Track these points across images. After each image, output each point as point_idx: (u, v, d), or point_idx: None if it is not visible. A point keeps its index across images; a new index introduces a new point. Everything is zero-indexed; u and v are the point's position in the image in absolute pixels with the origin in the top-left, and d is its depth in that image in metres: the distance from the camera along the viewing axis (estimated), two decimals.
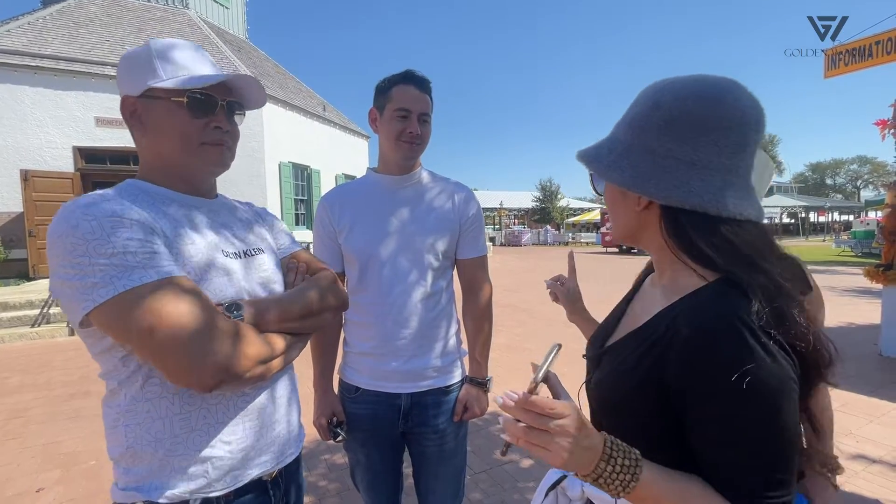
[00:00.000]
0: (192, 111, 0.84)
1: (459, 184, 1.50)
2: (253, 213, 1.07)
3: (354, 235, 1.38)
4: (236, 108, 0.93)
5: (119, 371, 0.77)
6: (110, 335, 0.73)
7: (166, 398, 0.78)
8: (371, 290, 1.37)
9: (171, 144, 0.85)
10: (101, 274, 0.68)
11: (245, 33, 15.51)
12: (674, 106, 0.61)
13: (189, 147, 0.86)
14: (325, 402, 1.43)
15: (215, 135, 0.87)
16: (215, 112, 0.87)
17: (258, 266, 0.93)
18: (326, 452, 2.95)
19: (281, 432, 0.94)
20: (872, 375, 4.27)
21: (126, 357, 0.76)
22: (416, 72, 1.37)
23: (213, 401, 0.81)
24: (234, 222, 0.97)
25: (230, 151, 0.92)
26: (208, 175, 0.93)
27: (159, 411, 0.78)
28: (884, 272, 4.85)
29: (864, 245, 17.26)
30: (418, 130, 1.35)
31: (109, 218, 0.71)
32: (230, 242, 0.91)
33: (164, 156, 0.87)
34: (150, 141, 0.87)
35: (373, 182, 1.44)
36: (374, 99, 1.41)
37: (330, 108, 14.65)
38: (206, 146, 0.87)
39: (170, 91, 0.83)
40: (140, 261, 0.71)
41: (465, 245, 1.45)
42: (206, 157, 0.88)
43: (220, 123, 0.88)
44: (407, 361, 1.36)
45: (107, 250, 0.69)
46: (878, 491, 2.46)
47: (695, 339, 0.55)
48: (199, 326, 0.71)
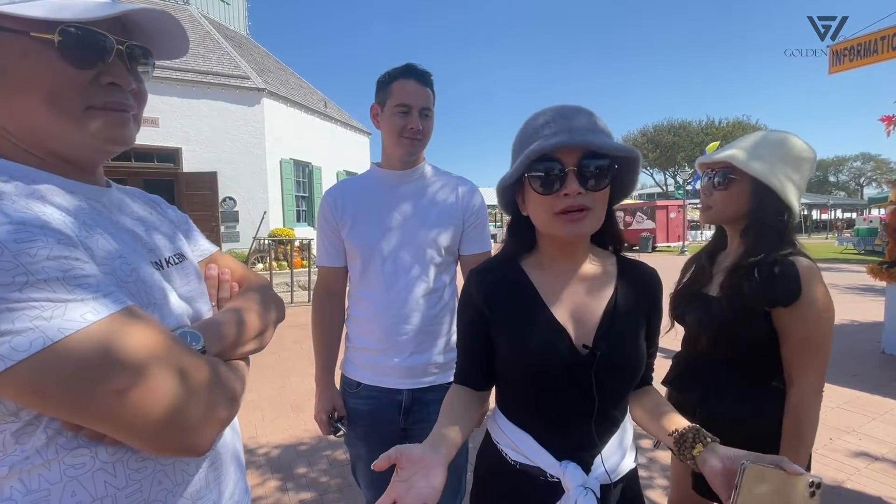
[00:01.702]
0: (68, 56, 0.55)
1: (463, 178, 1.49)
2: (154, 206, 0.77)
3: (357, 230, 1.38)
4: (142, 57, 0.64)
5: (9, 452, 0.49)
6: (30, 406, 0.48)
7: (104, 471, 0.53)
8: (373, 286, 1.37)
9: (32, 105, 0.55)
10: (15, 317, 0.44)
11: (246, 29, 15.47)
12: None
13: (65, 111, 0.56)
14: (327, 397, 1.42)
15: (111, 95, 0.59)
16: (107, 60, 0.58)
17: (184, 277, 0.70)
18: (328, 448, 2.96)
19: (233, 477, 0.73)
20: (875, 373, 4.26)
21: (25, 428, 0.49)
22: (416, 65, 1.36)
23: (167, 460, 0.59)
24: (143, 221, 0.70)
25: (136, 122, 0.64)
26: (99, 155, 0.63)
27: (94, 491, 0.52)
28: (887, 269, 4.83)
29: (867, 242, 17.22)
30: (420, 126, 1.34)
31: (7, 227, 0.45)
32: (148, 249, 0.66)
33: (21, 119, 0.56)
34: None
35: (376, 177, 1.44)
36: (376, 94, 1.40)
37: (331, 105, 14.62)
38: (95, 111, 0.58)
39: (29, 22, 0.52)
40: (72, 290, 0.47)
41: (468, 240, 1.44)
42: (97, 130, 0.58)
43: (117, 78, 0.59)
44: (408, 357, 1.36)
45: (18, 280, 0.44)
46: (880, 488, 2.46)
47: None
48: (189, 374, 0.53)
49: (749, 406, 1.16)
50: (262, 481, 2.62)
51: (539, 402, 0.87)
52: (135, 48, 0.62)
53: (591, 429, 0.83)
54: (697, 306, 1.23)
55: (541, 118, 0.83)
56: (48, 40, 0.53)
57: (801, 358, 1.10)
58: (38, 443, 0.50)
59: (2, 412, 0.49)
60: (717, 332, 1.15)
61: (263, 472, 2.72)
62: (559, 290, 0.88)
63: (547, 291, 0.89)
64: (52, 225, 0.49)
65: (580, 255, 0.90)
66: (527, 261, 0.93)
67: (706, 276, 1.28)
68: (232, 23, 14.68)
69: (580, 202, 0.78)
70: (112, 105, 0.59)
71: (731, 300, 1.13)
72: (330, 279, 1.47)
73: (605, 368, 0.82)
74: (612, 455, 0.84)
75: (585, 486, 0.79)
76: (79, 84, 0.56)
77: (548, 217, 0.82)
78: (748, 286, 1.11)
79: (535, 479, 0.84)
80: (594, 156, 0.78)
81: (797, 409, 1.10)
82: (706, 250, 1.36)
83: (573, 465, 0.81)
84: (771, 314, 1.12)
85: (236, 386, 0.61)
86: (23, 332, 0.44)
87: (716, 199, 1.23)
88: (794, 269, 1.09)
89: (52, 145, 0.58)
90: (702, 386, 1.24)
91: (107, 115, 0.59)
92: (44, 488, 0.50)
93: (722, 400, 1.19)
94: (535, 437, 0.85)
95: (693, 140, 35.66)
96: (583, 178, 0.78)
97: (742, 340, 1.13)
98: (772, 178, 1.12)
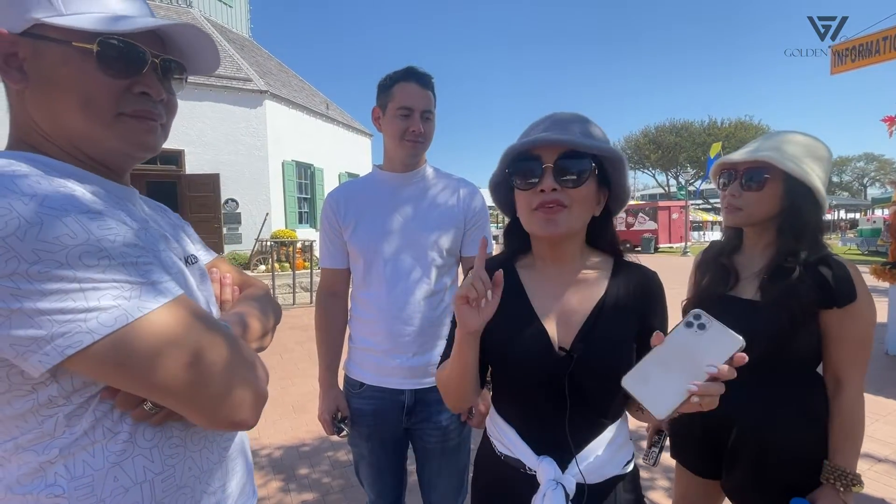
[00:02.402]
0: (105, 66, 0.59)
1: (464, 180, 1.49)
2: (161, 212, 0.82)
3: (359, 232, 1.39)
4: (176, 70, 0.69)
5: (58, 435, 0.53)
6: (103, 379, 0.53)
7: (143, 456, 0.57)
8: (375, 287, 1.38)
9: (69, 109, 0.59)
10: (100, 295, 0.49)
11: (248, 31, 15.53)
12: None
13: (98, 116, 0.60)
14: (330, 398, 1.43)
15: (141, 103, 0.63)
16: (142, 71, 0.62)
17: (199, 278, 0.74)
18: (330, 449, 2.97)
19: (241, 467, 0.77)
20: (879, 374, 4.24)
21: (77, 411, 0.53)
22: (417, 68, 1.36)
23: (195, 446, 0.64)
24: (162, 221, 0.76)
25: (163, 130, 0.68)
26: (127, 159, 0.67)
27: (134, 476, 0.56)
28: (890, 270, 4.81)
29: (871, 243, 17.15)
30: (421, 128, 1.34)
31: (88, 216, 0.51)
32: (174, 246, 0.71)
33: (59, 122, 0.60)
34: (38, 99, 0.60)
35: (378, 179, 1.45)
36: (377, 97, 1.41)
37: (333, 107, 14.65)
38: (126, 118, 0.62)
39: (72, 32, 0.57)
40: (144, 275, 0.53)
41: (470, 242, 1.45)
42: (126, 135, 0.63)
43: (148, 88, 0.63)
44: (411, 358, 1.37)
45: (102, 263, 0.50)
46: (883, 490, 2.45)
47: None
48: (241, 354, 0.61)
49: (792, 409, 1.12)
50: (264, 482, 2.63)
51: (518, 399, 0.90)
52: (169, 61, 0.67)
53: (565, 429, 0.83)
54: (736, 311, 1.14)
55: (535, 122, 0.88)
56: (88, 50, 0.58)
57: (853, 359, 1.09)
58: (86, 425, 0.54)
59: (59, 394, 0.53)
60: (772, 338, 1.09)
61: (266, 473, 2.73)
62: (547, 291, 0.90)
63: (534, 292, 0.91)
64: (122, 217, 0.56)
65: (571, 256, 0.91)
66: (521, 262, 0.96)
67: (732, 278, 1.22)
68: (234, 25, 14.74)
69: (555, 198, 0.81)
70: (141, 113, 0.63)
71: (784, 304, 1.08)
72: (333, 281, 1.48)
73: (582, 371, 0.82)
74: (592, 456, 0.84)
75: (557, 481, 0.81)
76: (112, 91, 0.61)
77: (527, 213, 0.86)
78: (803, 288, 1.07)
79: (517, 472, 0.88)
80: (574, 155, 0.81)
81: (850, 409, 1.08)
82: (720, 251, 1.29)
83: (549, 459, 0.84)
84: (819, 316, 1.10)
85: (263, 369, 0.67)
86: (108, 309, 0.49)
87: (748, 200, 1.17)
88: (846, 270, 1.08)
89: (87, 148, 0.63)
90: (734, 394, 1.16)
91: (135, 122, 0.63)
92: (88, 474, 0.54)
93: (765, 408, 1.13)
94: (518, 431, 0.89)
95: (695, 140, 35.56)
96: (560, 175, 0.81)
97: (795, 344, 1.10)
98: (809, 177, 1.11)
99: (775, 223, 1.17)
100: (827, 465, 1.08)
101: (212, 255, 0.88)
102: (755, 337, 1.09)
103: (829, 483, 1.06)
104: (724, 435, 1.17)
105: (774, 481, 1.12)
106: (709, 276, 1.27)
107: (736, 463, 1.16)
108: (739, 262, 1.24)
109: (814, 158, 1.15)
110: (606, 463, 0.85)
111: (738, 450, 1.15)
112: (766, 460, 1.12)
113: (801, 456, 1.11)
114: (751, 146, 1.21)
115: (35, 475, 0.53)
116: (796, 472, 1.11)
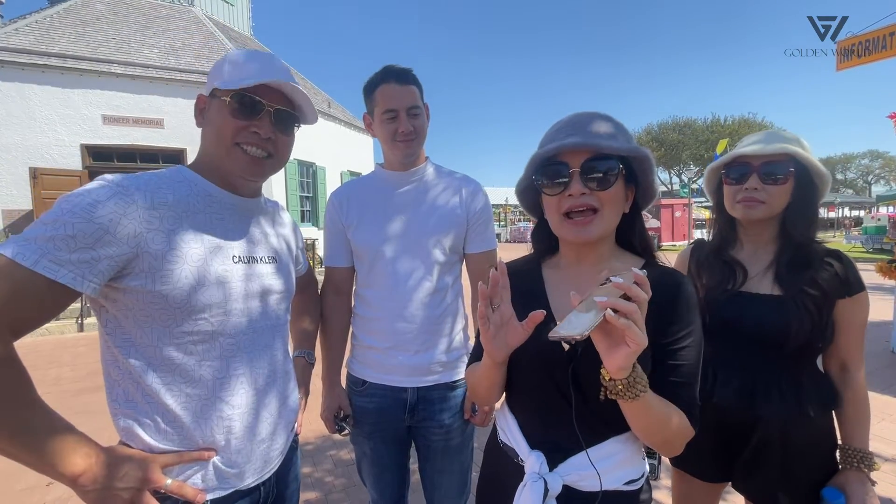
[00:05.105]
0: (234, 111, 0.88)
1: (467, 177, 1.48)
2: (285, 222, 1.13)
3: (362, 230, 1.38)
4: (291, 119, 0.95)
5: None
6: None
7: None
8: (378, 285, 1.37)
9: (209, 140, 0.91)
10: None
11: (250, 30, 15.53)
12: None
13: (222, 144, 0.89)
14: (333, 396, 1.43)
15: (250, 138, 0.89)
16: (258, 116, 0.89)
17: (259, 273, 0.95)
18: (332, 448, 2.96)
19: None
20: (884, 373, 4.22)
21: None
22: (394, 66, 1.35)
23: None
24: (258, 226, 1.00)
25: (271, 161, 0.94)
26: (240, 179, 0.93)
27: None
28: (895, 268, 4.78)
29: (875, 241, 17.06)
30: (409, 127, 1.33)
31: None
32: (242, 246, 0.93)
33: (206, 150, 0.93)
34: (204, 133, 0.93)
35: (380, 178, 1.44)
36: (365, 104, 1.40)
37: (335, 105, 14.65)
38: (238, 148, 0.89)
39: (223, 91, 0.88)
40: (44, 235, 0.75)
41: (473, 239, 1.44)
42: (236, 160, 0.90)
43: (259, 129, 0.89)
44: (413, 356, 1.36)
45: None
46: (890, 489, 2.43)
47: None
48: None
49: (815, 401, 1.11)
50: None
51: (523, 392, 0.90)
52: (284, 112, 0.93)
53: (573, 427, 0.80)
54: (759, 308, 1.12)
55: (558, 125, 0.87)
56: (224, 101, 0.89)
57: (858, 344, 1.13)
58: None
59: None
60: (805, 331, 1.07)
61: None
62: (567, 289, 0.87)
63: (554, 289, 0.91)
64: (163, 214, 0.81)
65: (599, 257, 0.89)
66: (547, 262, 0.97)
67: (740, 274, 1.18)
68: (236, 24, 14.73)
69: (585, 202, 0.81)
70: (249, 143, 0.90)
71: (811, 296, 1.08)
72: (337, 279, 1.47)
73: (589, 369, 0.78)
74: (587, 462, 0.80)
75: (540, 475, 0.80)
76: (234, 128, 0.89)
77: (557, 218, 0.86)
78: (824, 278, 1.09)
79: (511, 460, 0.90)
80: (600, 157, 0.80)
81: (862, 392, 1.12)
82: (717, 248, 1.26)
83: (538, 454, 0.84)
84: (835, 305, 1.11)
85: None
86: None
87: (771, 193, 1.15)
88: (851, 261, 1.12)
89: (216, 167, 0.92)
90: (751, 387, 1.13)
91: (242, 153, 0.90)
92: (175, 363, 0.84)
93: (795, 402, 1.10)
94: (520, 424, 0.90)
95: (698, 138, 35.41)
96: (587, 178, 0.80)
97: (819, 336, 1.10)
98: (821, 168, 1.13)
99: (780, 216, 1.18)
100: (847, 449, 1.10)
101: (306, 265, 1.29)
102: (788, 331, 1.08)
103: (853, 467, 1.08)
104: (744, 438, 1.16)
105: (801, 475, 1.12)
106: (714, 275, 1.22)
107: (759, 463, 1.15)
108: (742, 257, 1.22)
109: (809, 151, 1.16)
110: (604, 473, 0.80)
111: (761, 449, 1.14)
112: (793, 455, 1.12)
113: (820, 446, 1.13)
114: (754, 142, 1.20)
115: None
116: (816, 463, 1.13)
